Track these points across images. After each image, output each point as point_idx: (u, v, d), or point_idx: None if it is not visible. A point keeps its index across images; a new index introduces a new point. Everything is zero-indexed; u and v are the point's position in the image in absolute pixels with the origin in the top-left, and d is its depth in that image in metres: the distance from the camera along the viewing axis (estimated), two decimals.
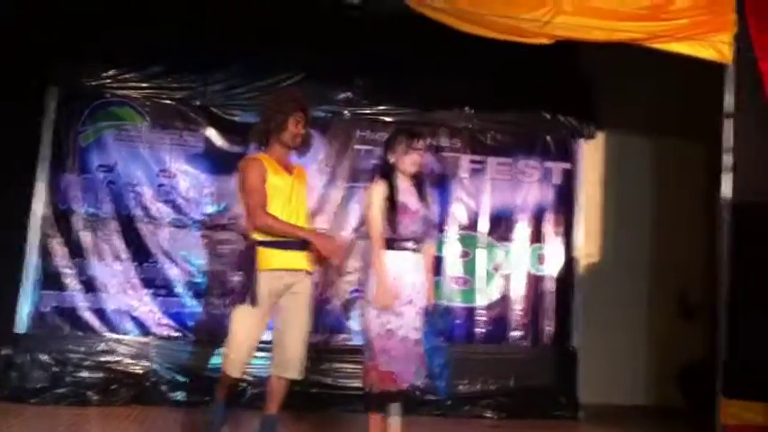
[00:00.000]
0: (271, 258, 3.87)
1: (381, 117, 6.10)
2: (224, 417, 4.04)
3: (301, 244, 3.91)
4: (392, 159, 4.02)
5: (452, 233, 6.19)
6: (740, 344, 4.88)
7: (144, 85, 5.78)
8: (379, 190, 3.97)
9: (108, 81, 5.71)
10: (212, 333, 5.52)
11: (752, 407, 4.88)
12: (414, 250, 3.97)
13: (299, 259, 3.93)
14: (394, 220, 3.90)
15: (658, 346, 6.60)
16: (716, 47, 4.92)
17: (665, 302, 6.64)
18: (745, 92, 5.01)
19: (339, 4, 5.21)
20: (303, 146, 4.17)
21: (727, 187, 4.99)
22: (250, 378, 5.40)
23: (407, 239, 3.94)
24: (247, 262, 3.90)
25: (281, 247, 3.88)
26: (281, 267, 3.88)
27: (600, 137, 6.62)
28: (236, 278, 5.63)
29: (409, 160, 4.00)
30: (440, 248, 6.06)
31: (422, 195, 4.06)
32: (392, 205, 3.92)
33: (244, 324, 3.87)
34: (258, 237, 3.90)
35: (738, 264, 4.94)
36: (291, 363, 3.94)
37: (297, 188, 4.04)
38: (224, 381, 4.00)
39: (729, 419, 4.85)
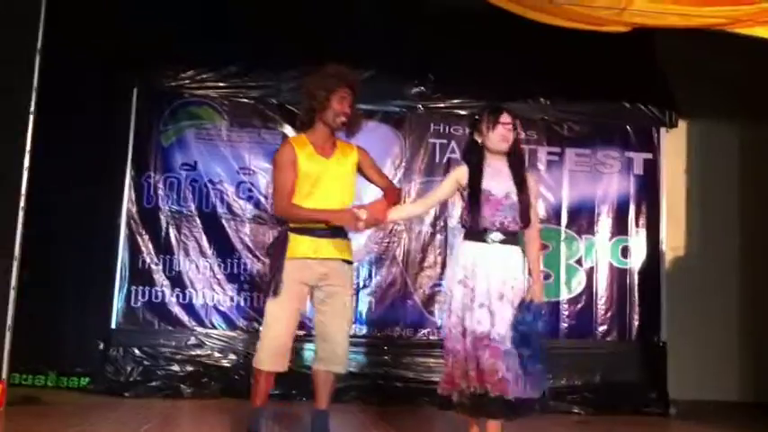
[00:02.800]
0: (299, 246, 3.82)
1: (456, 110, 6.37)
2: (263, 424, 3.95)
3: (334, 231, 3.84)
4: (479, 140, 3.80)
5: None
6: None
7: (221, 84, 6.17)
8: (457, 173, 3.83)
9: (187, 81, 6.12)
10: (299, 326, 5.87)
11: None
12: (502, 241, 3.72)
13: (330, 248, 3.86)
14: (473, 208, 3.72)
15: (752, 340, 6.68)
16: None
17: (755, 294, 6.71)
18: None
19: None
20: (351, 126, 3.97)
21: None
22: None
23: (491, 230, 3.71)
24: (277, 249, 3.87)
25: (310, 234, 3.83)
26: (309, 256, 3.82)
27: (682, 125, 6.77)
28: None
29: (497, 136, 3.74)
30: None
31: (517, 178, 3.77)
32: (476, 193, 3.72)
33: (275, 316, 3.81)
34: (291, 223, 3.88)
35: None
36: (337, 356, 3.90)
37: (334, 171, 3.91)
38: (257, 378, 3.88)
39: None
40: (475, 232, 3.75)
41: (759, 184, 6.81)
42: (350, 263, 3.98)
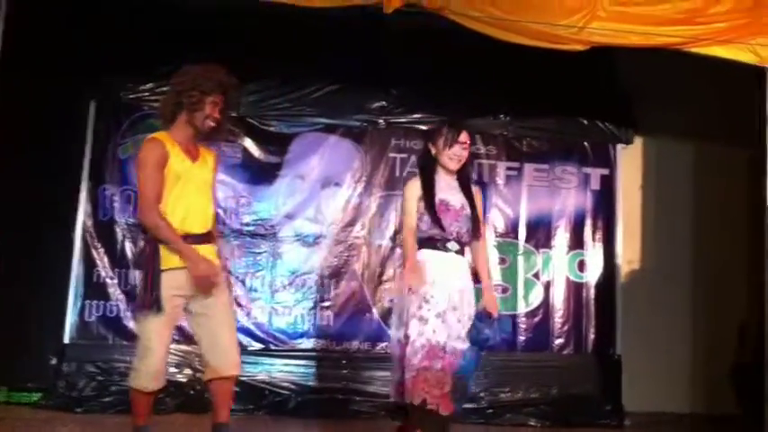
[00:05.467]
0: (171, 256, 3.61)
1: (417, 125, 6.41)
2: None
3: (206, 237, 3.72)
4: (433, 151, 3.94)
5: (490, 240, 6.46)
6: None
7: None
8: (414, 185, 3.91)
9: (146, 94, 6.07)
10: (256, 340, 5.99)
11: None
12: (457, 252, 3.87)
13: (209, 252, 3.72)
14: (432, 218, 3.82)
15: (703, 352, 6.83)
16: (755, 50, 5.13)
17: (706, 307, 6.87)
18: None
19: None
20: (214, 132, 3.86)
21: None
22: (293, 386, 5.80)
23: (449, 240, 3.84)
24: (149, 262, 3.60)
25: (196, 242, 3.65)
26: (183, 266, 3.61)
27: (638, 142, 6.90)
28: (279, 283, 6.09)
29: (450, 154, 3.90)
30: None
31: (467, 193, 3.94)
32: (430, 202, 3.84)
33: (157, 333, 3.60)
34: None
35: None
36: (233, 359, 3.74)
37: (199, 176, 3.75)
38: (138, 399, 3.73)
39: None
40: (434, 241, 3.85)
41: (711, 200, 6.97)
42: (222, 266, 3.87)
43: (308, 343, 6.10)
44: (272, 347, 6.04)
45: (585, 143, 6.63)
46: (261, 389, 5.87)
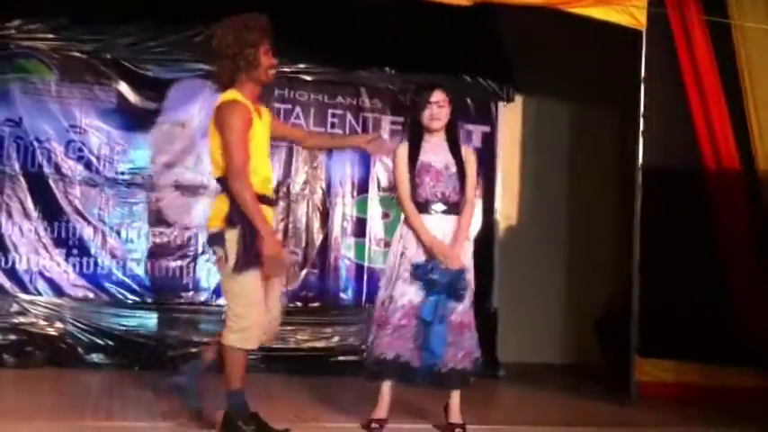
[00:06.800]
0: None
1: (301, 75, 6.34)
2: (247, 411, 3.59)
3: (274, 200, 3.80)
4: (417, 117, 3.97)
5: (373, 195, 6.49)
6: (653, 303, 5.37)
7: (51, 36, 5.82)
8: (401, 151, 3.96)
9: (13, 32, 5.73)
10: (129, 293, 5.81)
11: (663, 365, 5.43)
12: (444, 212, 3.93)
13: (270, 216, 3.70)
14: (412, 182, 3.89)
15: (574, 305, 7.15)
16: (631, 13, 5.33)
17: (578, 262, 7.18)
18: (658, 57, 5.47)
19: None
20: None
21: (641, 152, 5.44)
22: (170, 341, 5.73)
23: (433, 201, 3.91)
24: (245, 217, 3.47)
25: (263, 202, 3.58)
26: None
27: (518, 100, 7.06)
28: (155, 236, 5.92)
29: (428, 114, 3.92)
30: (363, 210, 6.41)
31: (454, 152, 3.97)
32: (411, 166, 3.90)
33: (256, 288, 3.54)
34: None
35: (650, 226, 5.42)
36: (276, 330, 3.79)
37: (264, 135, 3.71)
38: (240, 359, 3.56)
39: (644, 377, 5.38)
40: (419, 204, 3.92)
41: (586, 159, 7.25)
42: None
43: (185, 296, 5.99)
44: (148, 300, 5.89)
45: (468, 100, 6.71)
46: (136, 343, 5.72)
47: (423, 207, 3.92)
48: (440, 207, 3.92)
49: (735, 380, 5.33)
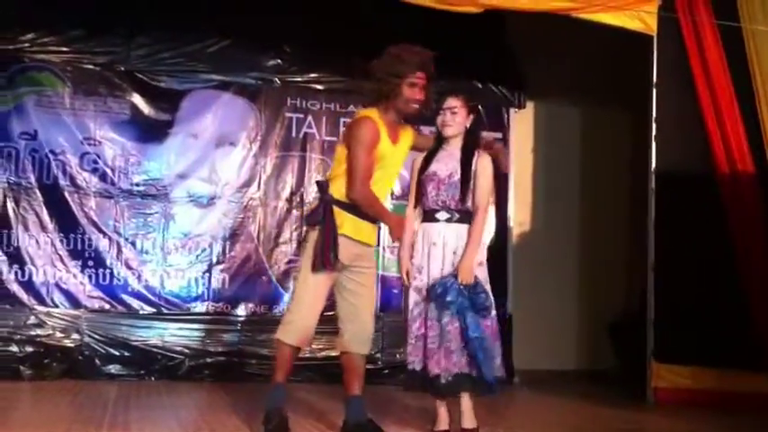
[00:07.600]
0: (345, 222, 3.71)
1: (313, 85, 6.37)
2: (283, 401, 3.74)
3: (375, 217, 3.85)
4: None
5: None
6: (669, 308, 5.37)
7: (64, 49, 5.88)
8: (417, 160, 3.98)
9: (26, 45, 5.80)
10: (148, 304, 5.87)
11: (680, 370, 5.40)
12: (448, 220, 3.87)
13: (369, 231, 3.84)
14: (416, 192, 3.91)
15: (588, 311, 7.14)
16: (642, 18, 5.36)
17: (592, 268, 7.17)
18: (670, 62, 5.47)
19: None
20: (421, 109, 3.85)
21: (653, 157, 5.46)
22: (186, 351, 5.74)
23: (436, 209, 3.86)
24: (327, 221, 3.66)
25: (358, 215, 3.73)
26: (350, 236, 3.73)
27: (530, 106, 7.07)
28: (172, 245, 5.96)
29: (440, 121, 3.89)
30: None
31: (465, 160, 3.87)
32: (418, 175, 3.91)
33: (320, 288, 3.70)
34: (337, 195, 3.73)
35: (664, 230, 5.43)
36: (369, 338, 3.86)
37: (397, 159, 3.87)
38: (284, 353, 3.74)
39: (660, 382, 5.37)
40: (425, 212, 3.92)
41: (598, 164, 7.25)
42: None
43: (201, 306, 6.02)
44: (165, 311, 5.93)
45: (480, 106, 6.72)
46: (153, 353, 5.76)
47: (429, 215, 3.90)
48: (443, 215, 3.88)
49: (752, 386, 5.29)
